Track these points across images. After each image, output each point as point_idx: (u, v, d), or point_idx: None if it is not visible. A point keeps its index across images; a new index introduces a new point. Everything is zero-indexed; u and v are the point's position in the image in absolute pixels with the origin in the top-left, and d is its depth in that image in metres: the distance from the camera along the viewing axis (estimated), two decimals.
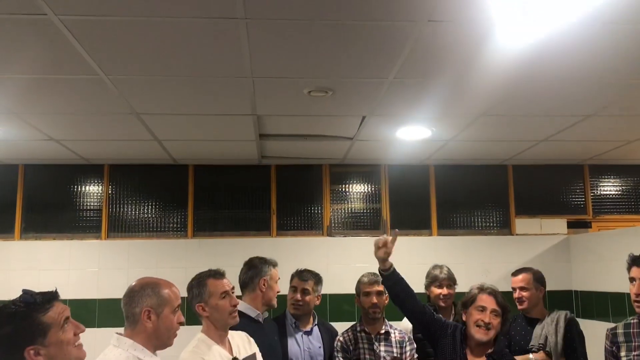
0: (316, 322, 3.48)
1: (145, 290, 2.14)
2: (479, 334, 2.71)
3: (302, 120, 3.75)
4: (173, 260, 4.49)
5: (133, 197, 4.76)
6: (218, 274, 2.63)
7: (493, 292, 2.77)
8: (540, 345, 3.29)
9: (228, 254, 3.93)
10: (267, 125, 3.86)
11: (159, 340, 2.14)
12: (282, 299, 3.39)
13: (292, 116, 3.65)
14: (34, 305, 1.71)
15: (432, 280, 3.61)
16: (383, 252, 3.00)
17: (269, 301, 3.07)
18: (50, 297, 1.75)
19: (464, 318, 2.85)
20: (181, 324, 2.22)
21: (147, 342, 2.10)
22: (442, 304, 3.56)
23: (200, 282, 2.56)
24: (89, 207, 4.73)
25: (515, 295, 3.43)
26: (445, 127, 3.87)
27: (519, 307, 3.44)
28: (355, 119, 3.71)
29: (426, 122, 3.77)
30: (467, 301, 2.82)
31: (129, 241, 4.61)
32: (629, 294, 2.81)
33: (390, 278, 3.01)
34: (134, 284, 2.17)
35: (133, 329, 2.11)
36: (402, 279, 3.01)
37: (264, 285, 3.05)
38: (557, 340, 3.25)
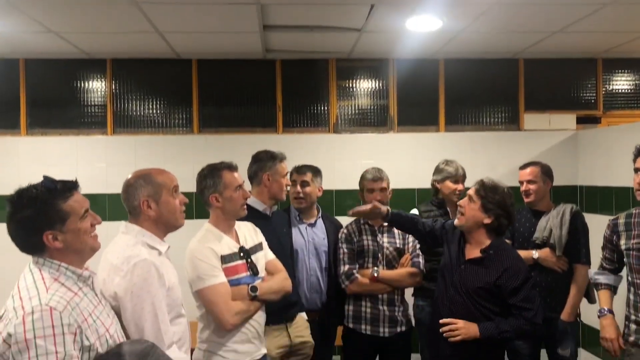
0: (320, 215, 3.53)
1: (138, 182, 2.16)
2: (456, 221, 2.82)
3: (307, 9, 3.60)
4: (180, 156, 4.50)
5: (137, 92, 4.70)
6: (232, 167, 2.64)
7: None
8: (545, 238, 3.34)
9: (234, 150, 3.91)
10: (271, 15, 3.72)
11: (166, 224, 2.19)
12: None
13: (296, 4, 3.50)
14: (55, 192, 1.74)
15: (447, 175, 3.63)
16: (374, 214, 3.08)
17: (275, 195, 3.10)
18: (71, 186, 1.78)
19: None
20: (185, 204, 2.24)
21: (154, 228, 2.16)
22: (455, 199, 3.58)
23: (214, 173, 2.56)
24: (93, 103, 4.68)
25: (523, 188, 3.45)
26: (457, 16, 3.71)
27: (526, 200, 3.47)
28: (363, 7, 3.55)
29: (437, 11, 3.61)
30: None
31: (135, 137, 4.61)
32: (633, 189, 2.81)
33: (393, 220, 3.11)
34: (128, 177, 2.19)
35: (137, 219, 2.15)
36: (401, 213, 3.09)
37: (267, 179, 3.07)
38: (561, 233, 3.30)
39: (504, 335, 2.64)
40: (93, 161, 4.54)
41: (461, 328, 2.62)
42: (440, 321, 2.67)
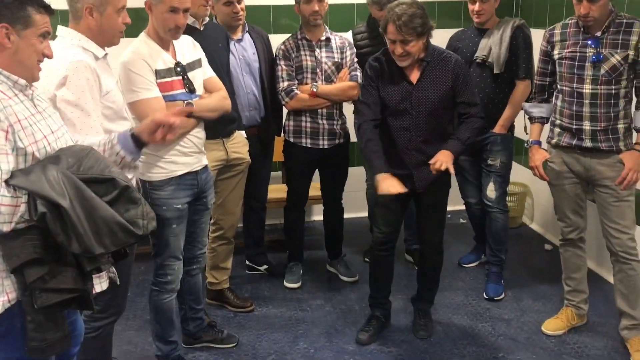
0: (247, 30, 3.44)
1: None
2: (400, 63, 2.75)
3: None
4: None
5: None
6: None
7: (397, 21, 2.62)
8: (484, 56, 3.37)
9: None
10: None
11: (104, 37, 2.19)
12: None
13: None
14: None
15: (372, 1, 3.46)
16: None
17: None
18: (47, 6, 1.71)
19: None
20: (126, 24, 2.19)
21: (92, 37, 2.14)
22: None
23: None
24: None
25: (475, 7, 3.35)
26: None
27: (476, 19, 3.41)
28: None
29: None
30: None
31: None
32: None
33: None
34: None
35: (77, 24, 2.15)
36: (375, 145, 2.81)
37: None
38: (500, 51, 3.32)
39: (468, 141, 2.83)
40: None
41: (442, 160, 2.67)
42: (432, 167, 2.69)
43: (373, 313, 3.24)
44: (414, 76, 2.81)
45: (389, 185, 2.66)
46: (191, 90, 2.57)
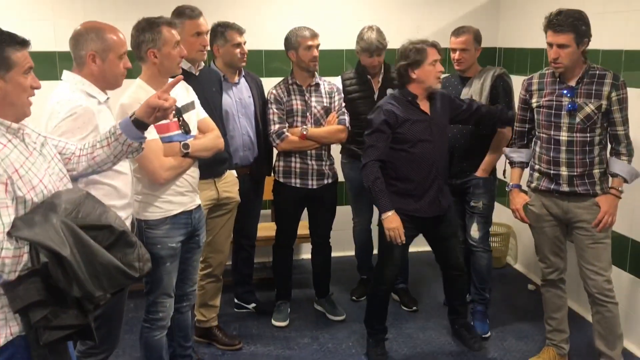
0: (243, 74, 3.58)
1: (89, 34, 2.21)
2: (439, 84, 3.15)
3: None
4: (102, 13, 4.28)
5: None
6: (172, 23, 2.60)
7: (436, 43, 3.11)
8: None
9: (160, 8, 3.77)
10: None
11: (106, 81, 2.29)
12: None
13: None
14: (4, 37, 1.70)
15: (362, 48, 3.64)
16: None
17: (188, 55, 2.94)
18: (22, 41, 1.74)
19: (413, 76, 3.04)
20: (128, 69, 2.30)
21: (94, 82, 2.24)
22: (372, 71, 3.72)
23: (154, 28, 2.51)
24: None
25: (456, 56, 3.52)
26: None
27: (457, 67, 3.57)
28: None
29: None
30: (416, 61, 3.03)
31: None
32: (546, 49, 2.97)
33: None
34: (79, 27, 2.25)
35: (80, 71, 2.24)
36: (381, 184, 3.10)
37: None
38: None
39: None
40: (6, 17, 4.26)
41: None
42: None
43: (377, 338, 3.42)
44: (426, 107, 3.14)
45: (398, 231, 3.04)
46: (186, 131, 2.67)
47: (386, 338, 3.44)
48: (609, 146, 2.98)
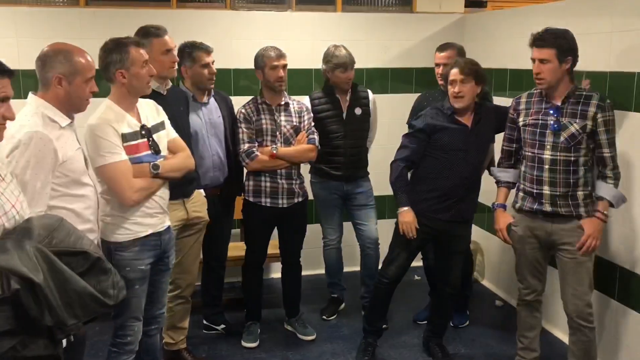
0: (212, 94, 3.57)
1: (57, 57, 2.18)
2: (455, 104, 3.17)
3: None
4: (66, 32, 4.24)
5: None
6: (140, 43, 2.59)
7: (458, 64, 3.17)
8: None
9: (126, 27, 3.75)
10: None
11: (71, 105, 2.25)
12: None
13: None
14: None
15: (336, 65, 3.70)
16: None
17: (159, 73, 2.94)
18: (2, 69, 1.72)
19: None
20: (94, 93, 2.27)
21: (59, 105, 2.19)
22: (346, 87, 3.76)
23: (121, 49, 2.49)
24: None
25: (440, 70, 3.58)
26: None
27: (441, 82, 3.59)
28: None
29: None
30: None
31: (13, 9, 4.24)
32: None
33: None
34: (46, 48, 2.22)
35: (45, 93, 2.21)
36: (402, 182, 3.29)
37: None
38: None
39: None
40: None
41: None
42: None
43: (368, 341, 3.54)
44: (468, 121, 3.23)
45: (411, 225, 3.20)
46: (156, 151, 2.64)
47: (377, 344, 3.52)
48: (596, 169, 2.97)
